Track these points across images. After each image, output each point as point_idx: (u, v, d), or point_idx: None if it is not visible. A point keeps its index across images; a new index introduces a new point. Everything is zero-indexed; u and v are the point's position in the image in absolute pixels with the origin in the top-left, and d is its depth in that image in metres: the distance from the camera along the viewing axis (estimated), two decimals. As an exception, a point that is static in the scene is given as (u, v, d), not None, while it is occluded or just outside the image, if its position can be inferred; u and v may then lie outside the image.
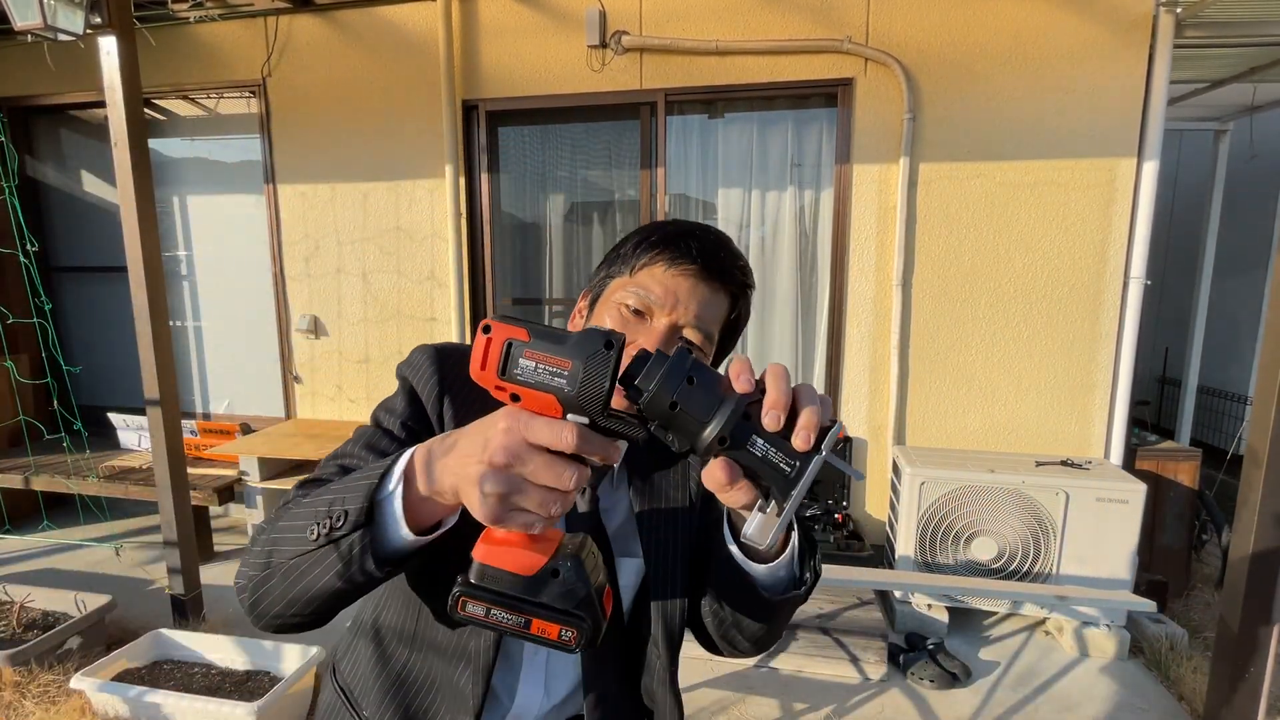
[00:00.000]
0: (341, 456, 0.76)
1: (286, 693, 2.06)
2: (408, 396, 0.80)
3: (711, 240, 0.78)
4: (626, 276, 0.79)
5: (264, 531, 0.66)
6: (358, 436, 0.78)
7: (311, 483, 0.70)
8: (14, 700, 2.20)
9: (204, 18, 3.45)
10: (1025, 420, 3.04)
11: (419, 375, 0.80)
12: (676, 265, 0.76)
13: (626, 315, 0.77)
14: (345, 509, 0.57)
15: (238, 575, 0.68)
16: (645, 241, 0.78)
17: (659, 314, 0.75)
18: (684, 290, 0.75)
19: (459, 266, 3.42)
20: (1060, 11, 2.77)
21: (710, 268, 0.76)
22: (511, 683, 0.81)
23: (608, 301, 0.79)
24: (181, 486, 2.63)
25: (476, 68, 3.31)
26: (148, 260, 2.47)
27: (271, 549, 0.63)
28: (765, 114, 3.21)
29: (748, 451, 0.50)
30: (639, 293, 0.76)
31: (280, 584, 0.62)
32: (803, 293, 3.30)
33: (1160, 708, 2.31)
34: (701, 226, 0.80)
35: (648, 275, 0.77)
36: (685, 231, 0.78)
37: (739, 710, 2.28)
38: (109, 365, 4.10)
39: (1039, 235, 2.92)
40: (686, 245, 0.76)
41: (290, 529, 0.62)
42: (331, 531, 0.57)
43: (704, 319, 0.76)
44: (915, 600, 2.76)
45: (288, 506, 0.66)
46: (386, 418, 0.79)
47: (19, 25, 2.17)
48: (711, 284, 0.77)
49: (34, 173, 4.04)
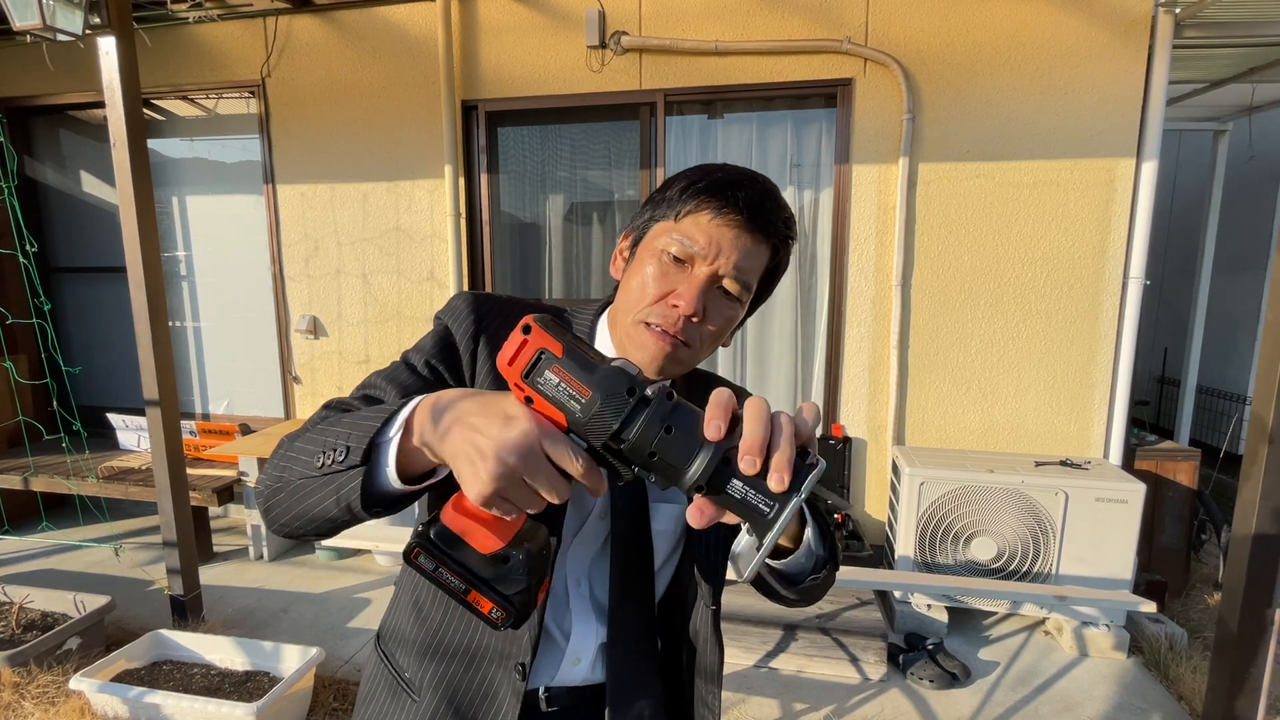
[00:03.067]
0: (368, 387, 0.78)
1: (286, 693, 2.06)
2: (439, 337, 0.81)
3: (759, 190, 0.76)
4: (671, 221, 0.77)
5: (286, 445, 0.69)
6: (388, 370, 0.79)
7: (338, 406, 0.73)
8: (13, 701, 2.20)
9: (203, 18, 3.44)
10: (1024, 420, 3.04)
11: (456, 318, 0.82)
12: (723, 215, 0.74)
13: (667, 263, 0.75)
14: (347, 445, 0.59)
15: (258, 481, 0.73)
16: (692, 187, 0.76)
17: (700, 263, 0.74)
18: (727, 240, 0.74)
19: (459, 267, 3.42)
20: (1059, 12, 2.77)
21: (756, 219, 0.74)
22: (563, 621, 0.83)
23: (650, 247, 0.78)
24: (181, 487, 2.63)
25: (476, 68, 3.31)
26: (147, 260, 2.47)
27: (286, 465, 0.66)
28: (764, 114, 3.21)
29: (726, 495, 0.51)
30: (682, 241, 0.75)
31: (287, 499, 0.65)
32: (802, 293, 3.30)
33: (1159, 707, 2.32)
34: (749, 175, 0.78)
35: (692, 223, 0.75)
36: (734, 180, 0.76)
37: (739, 710, 2.28)
38: (108, 365, 4.09)
39: (1038, 235, 2.93)
40: (734, 194, 0.74)
41: (303, 451, 0.65)
42: (333, 464, 0.60)
43: (744, 269, 0.75)
44: (915, 600, 2.76)
45: (312, 425, 0.69)
46: (415, 355, 0.81)
47: (18, 25, 2.17)
48: (755, 235, 0.75)
49: (33, 173, 4.04)
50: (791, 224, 0.80)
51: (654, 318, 0.74)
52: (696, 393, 0.75)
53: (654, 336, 0.74)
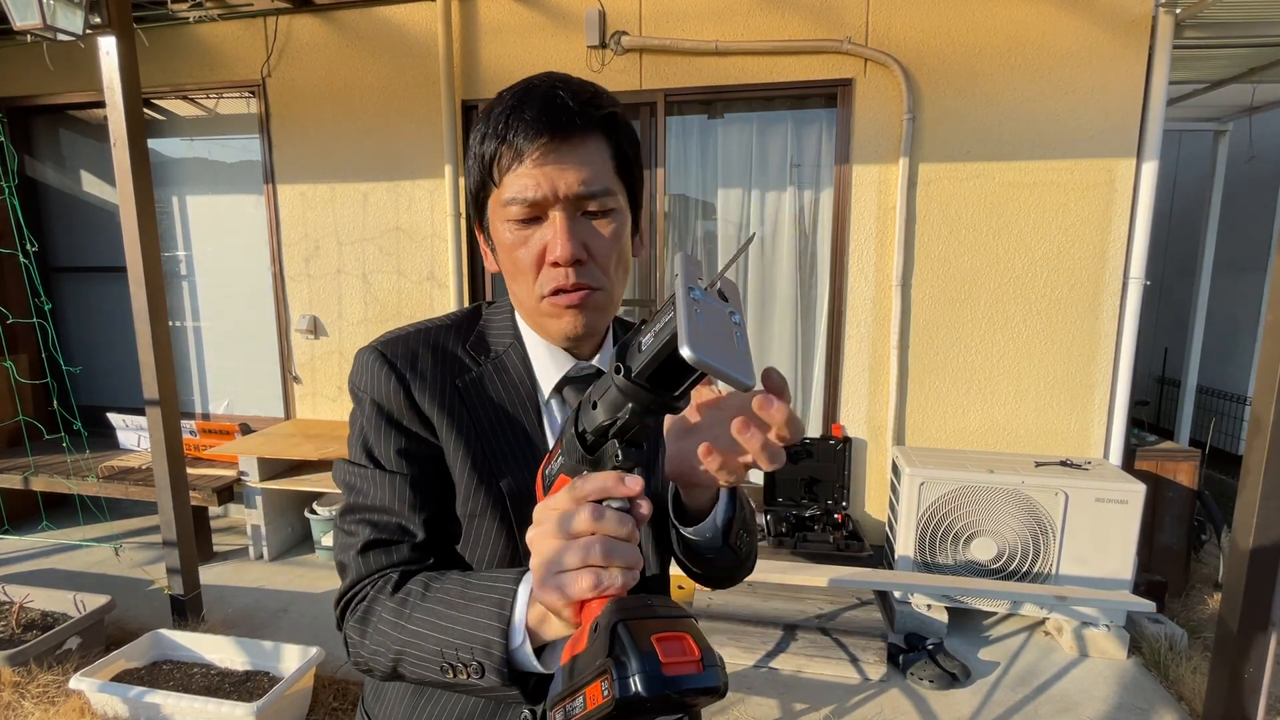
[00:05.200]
0: (362, 511, 0.73)
1: (286, 693, 2.06)
2: (379, 420, 0.73)
3: (544, 93, 0.66)
4: (495, 188, 0.69)
5: (370, 619, 0.70)
6: (374, 496, 0.73)
7: (358, 535, 0.74)
8: (13, 701, 2.20)
9: (203, 18, 3.45)
10: (1024, 420, 3.04)
11: (376, 384, 0.74)
12: (528, 147, 0.65)
13: (521, 229, 0.68)
14: (479, 662, 0.59)
15: (351, 643, 0.72)
16: (485, 139, 0.68)
17: (546, 206, 0.67)
18: (551, 167, 0.65)
19: (459, 267, 3.42)
20: (1060, 12, 2.77)
21: (558, 125, 0.65)
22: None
23: (497, 226, 0.71)
24: (181, 487, 2.63)
25: (476, 68, 3.31)
26: (147, 260, 2.47)
27: (398, 659, 0.66)
28: (765, 114, 3.21)
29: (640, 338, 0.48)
30: (515, 199, 0.67)
31: (412, 679, 0.67)
32: (802, 293, 3.30)
33: (1159, 708, 2.32)
34: (530, 82, 0.68)
35: (511, 178, 0.66)
36: (517, 103, 0.66)
37: (739, 710, 2.28)
38: (108, 365, 4.09)
39: (1038, 235, 2.93)
40: (522, 120, 0.65)
41: (419, 652, 0.64)
42: (469, 679, 0.61)
43: (589, 180, 0.66)
44: (915, 600, 2.76)
45: (395, 603, 0.68)
46: (380, 454, 0.73)
47: (18, 25, 2.17)
48: (571, 139, 0.66)
49: (33, 173, 4.04)
50: (601, 97, 0.69)
51: (547, 287, 0.69)
52: None
53: (559, 304, 0.69)
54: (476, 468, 0.73)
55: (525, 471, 0.74)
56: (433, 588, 0.66)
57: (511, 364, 0.77)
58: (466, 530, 0.75)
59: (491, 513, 0.73)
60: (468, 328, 0.80)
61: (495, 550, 0.74)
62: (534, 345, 0.78)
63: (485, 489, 0.73)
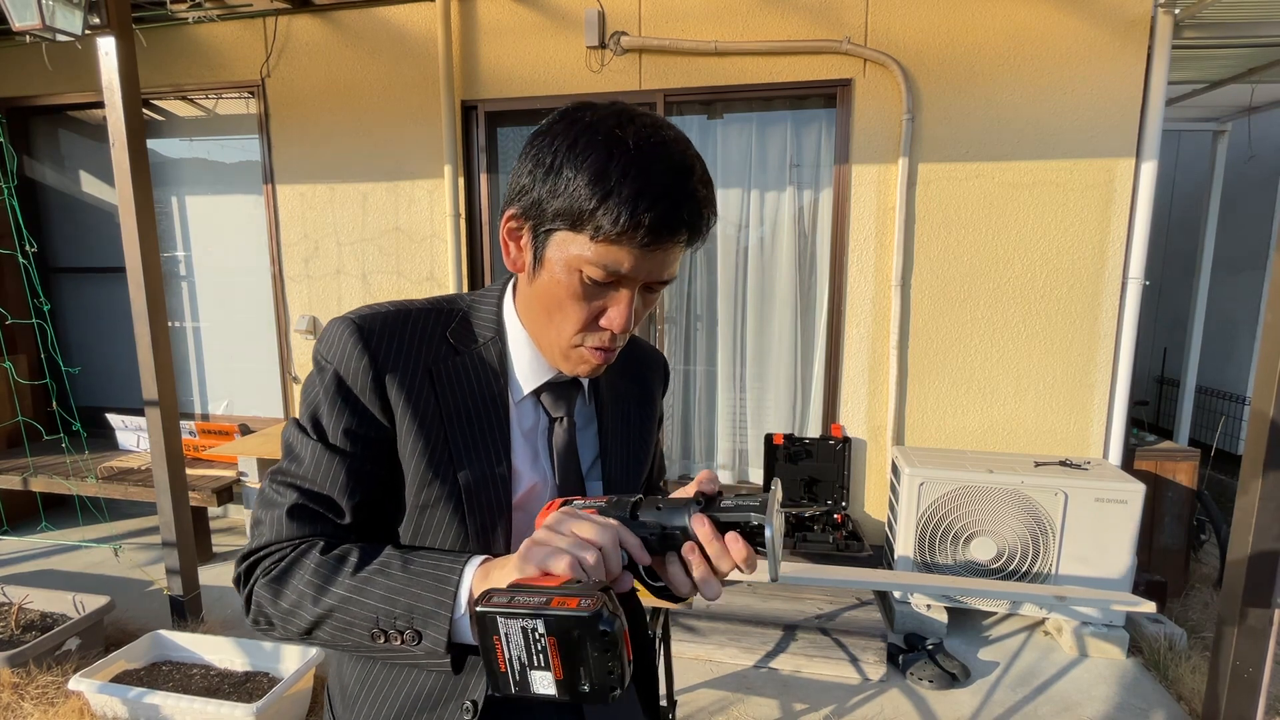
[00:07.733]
0: (294, 477, 0.72)
1: (285, 694, 2.05)
2: (337, 394, 0.72)
3: (690, 188, 0.65)
4: (585, 239, 0.64)
5: (288, 579, 0.69)
6: (309, 461, 0.72)
7: (282, 498, 0.72)
8: (12, 702, 2.20)
9: (203, 18, 3.44)
10: (1024, 420, 3.05)
11: (345, 359, 0.72)
12: (652, 242, 0.63)
13: (589, 285, 0.67)
14: (416, 629, 0.63)
15: (257, 600, 0.70)
16: (624, 208, 0.61)
17: (628, 282, 0.67)
18: (656, 262, 0.66)
19: (458, 267, 3.42)
20: (1059, 12, 2.77)
21: (695, 234, 0.66)
22: None
23: (562, 263, 0.66)
24: (180, 487, 2.62)
25: (475, 68, 3.31)
26: (146, 261, 2.47)
27: (320, 620, 0.67)
28: (764, 115, 3.21)
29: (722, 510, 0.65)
30: (606, 267, 0.65)
31: (323, 642, 0.68)
32: (802, 293, 3.30)
33: (1159, 708, 2.32)
34: (671, 157, 0.65)
35: (613, 250, 0.64)
36: (673, 201, 0.63)
37: (739, 710, 2.28)
38: (108, 366, 4.09)
39: (1037, 235, 2.93)
40: (675, 219, 0.63)
41: (348, 616, 0.66)
42: (401, 645, 0.64)
43: (671, 272, 0.69)
44: (914, 600, 2.76)
45: (315, 563, 0.69)
46: (327, 426, 0.72)
47: (17, 26, 2.17)
48: (681, 241, 0.67)
49: (33, 173, 4.03)
50: (715, 212, 0.71)
51: (589, 341, 0.71)
52: (621, 355, 0.81)
53: (590, 357, 0.72)
54: (434, 457, 0.73)
55: (484, 466, 0.74)
56: (370, 555, 0.69)
57: (490, 358, 0.77)
58: (417, 521, 0.74)
59: (445, 504, 0.73)
60: (449, 313, 0.79)
61: (445, 543, 0.74)
62: (517, 345, 0.78)
63: (440, 480, 0.73)
